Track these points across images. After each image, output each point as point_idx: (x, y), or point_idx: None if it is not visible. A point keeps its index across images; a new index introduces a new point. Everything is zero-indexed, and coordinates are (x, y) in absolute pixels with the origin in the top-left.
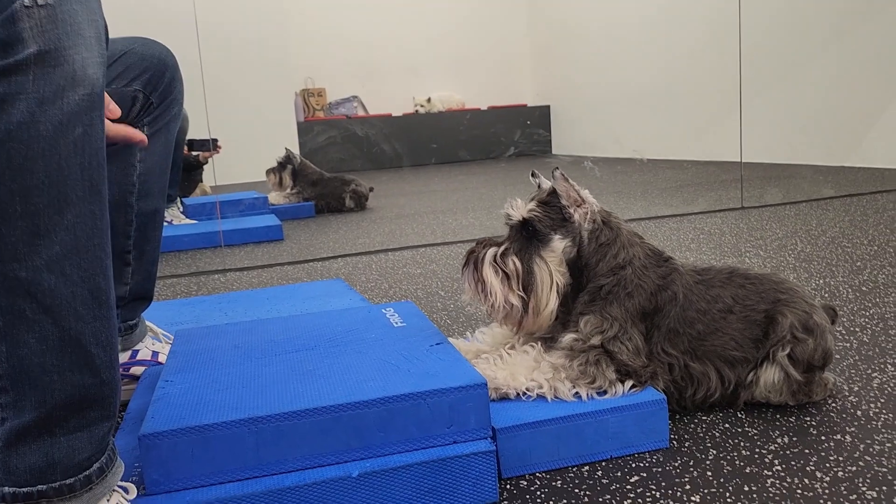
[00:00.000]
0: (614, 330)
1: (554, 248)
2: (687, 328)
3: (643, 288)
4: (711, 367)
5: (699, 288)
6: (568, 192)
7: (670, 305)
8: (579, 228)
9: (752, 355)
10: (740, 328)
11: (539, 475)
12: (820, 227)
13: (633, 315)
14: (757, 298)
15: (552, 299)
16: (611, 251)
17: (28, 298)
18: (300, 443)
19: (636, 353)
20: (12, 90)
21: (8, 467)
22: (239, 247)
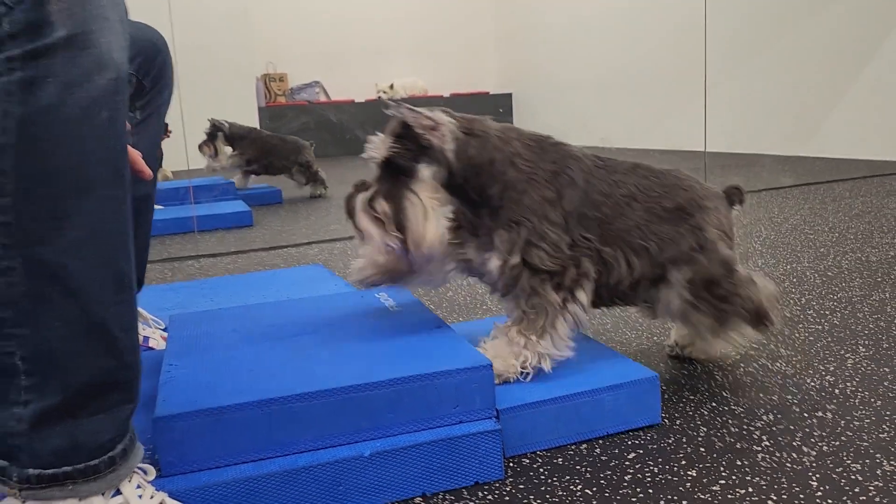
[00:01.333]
0: (524, 234)
1: (423, 178)
2: (594, 211)
3: (535, 181)
4: (620, 252)
5: (600, 172)
6: (418, 119)
7: (571, 189)
8: (443, 151)
9: (655, 251)
10: (644, 218)
11: (540, 453)
12: (782, 214)
13: (537, 211)
14: (661, 191)
15: (431, 228)
16: (484, 159)
17: (53, 282)
18: (312, 424)
19: (554, 252)
20: (40, 73)
21: (33, 449)
22: (210, 233)
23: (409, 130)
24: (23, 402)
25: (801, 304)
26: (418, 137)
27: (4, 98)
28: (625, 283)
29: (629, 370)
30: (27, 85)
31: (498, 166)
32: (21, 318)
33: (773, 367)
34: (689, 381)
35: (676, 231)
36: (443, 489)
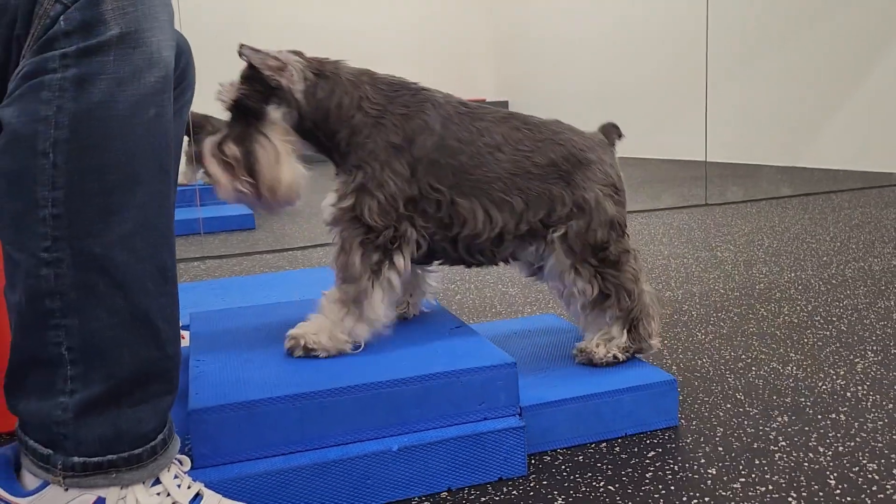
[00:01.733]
0: (360, 178)
1: (273, 120)
2: (448, 159)
3: (382, 125)
4: (478, 204)
5: (462, 118)
6: (264, 61)
7: (424, 135)
8: (292, 92)
9: (521, 207)
10: (509, 171)
11: (561, 451)
12: (783, 223)
13: (380, 157)
14: (533, 145)
15: (286, 172)
16: (332, 102)
17: (101, 273)
18: (342, 418)
19: (384, 210)
20: (93, 70)
21: (78, 437)
22: (214, 234)
23: (258, 72)
24: (69, 392)
25: (807, 311)
26: (266, 79)
27: (58, 94)
28: (483, 238)
29: (648, 373)
30: (80, 81)
31: (346, 110)
32: (68, 309)
33: (784, 370)
34: (702, 383)
35: (548, 188)
36: (468, 484)
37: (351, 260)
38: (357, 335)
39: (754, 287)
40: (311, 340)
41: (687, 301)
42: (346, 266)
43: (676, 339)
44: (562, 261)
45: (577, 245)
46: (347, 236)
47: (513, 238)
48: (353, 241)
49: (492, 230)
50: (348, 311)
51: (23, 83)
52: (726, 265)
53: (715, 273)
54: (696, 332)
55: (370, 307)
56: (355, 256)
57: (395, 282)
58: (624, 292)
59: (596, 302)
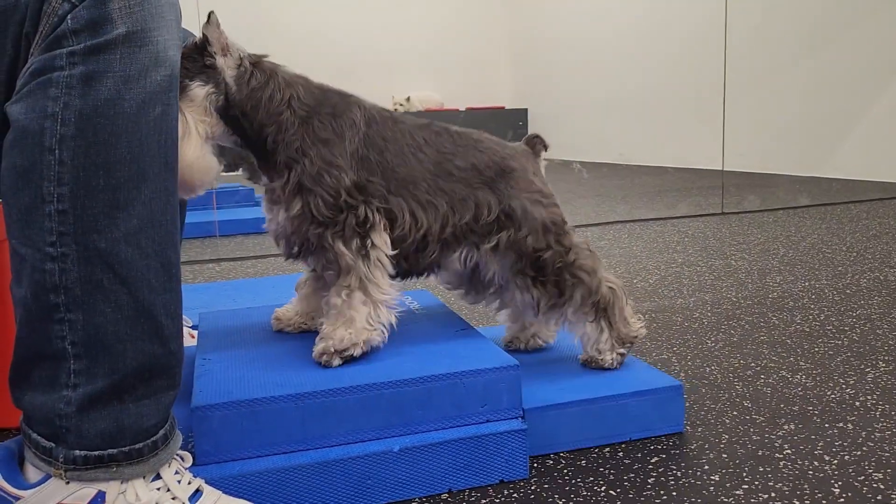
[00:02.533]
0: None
1: (193, 97)
2: (376, 155)
3: (310, 123)
4: (405, 203)
5: (386, 120)
6: (218, 38)
7: (352, 131)
8: (222, 73)
9: (446, 210)
10: (432, 171)
11: (564, 455)
12: (799, 233)
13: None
14: (454, 148)
15: (190, 150)
16: (264, 94)
17: (106, 269)
18: (344, 418)
19: (333, 196)
20: (101, 68)
21: (80, 431)
22: (229, 237)
23: (200, 49)
24: (72, 386)
25: (819, 320)
26: (205, 55)
27: (66, 91)
28: (408, 241)
29: (654, 378)
30: (87, 79)
31: (275, 104)
32: (73, 304)
33: (793, 378)
34: (710, 390)
35: (472, 193)
36: (469, 486)
37: (338, 250)
38: (379, 319)
39: (767, 296)
40: (338, 340)
41: (698, 309)
42: (335, 260)
43: (686, 346)
44: (499, 274)
45: (511, 256)
46: (317, 237)
47: (436, 242)
48: (327, 237)
49: (417, 232)
50: (362, 299)
51: (31, 80)
52: (740, 274)
53: (728, 281)
54: (706, 339)
55: (377, 289)
56: (340, 246)
57: (384, 259)
58: (579, 289)
59: (548, 306)
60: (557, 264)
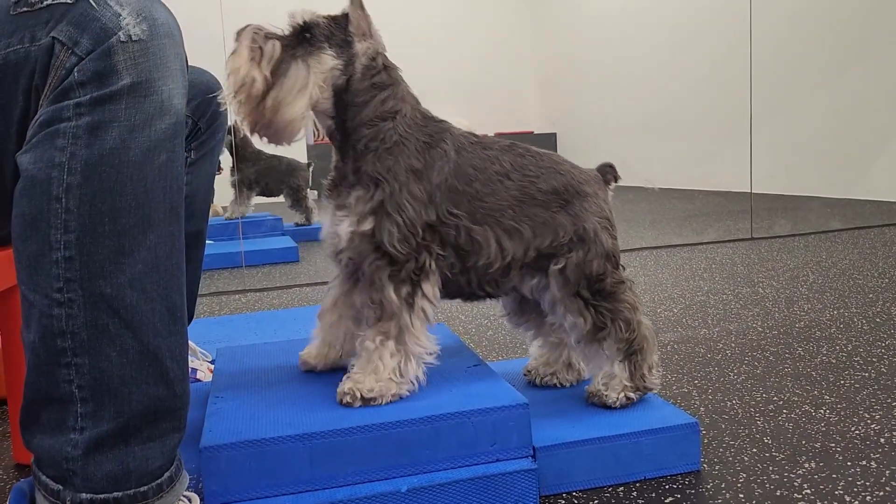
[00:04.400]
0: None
1: (322, 61)
2: (465, 186)
3: (405, 145)
4: (491, 232)
5: (474, 147)
6: (359, 20)
7: (443, 161)
8: (356, 58)
9: (529, 235)
10: (518, 198)
11: (576, 494)
12: (830, 258)
13: (400, 178)
14: (537, 171)
15: (299, 102)
16: (381, 95)
17: (111, 314)
18: (351, 458)
19: (407, 233)
20: (106, 118)
21: (86, 474)
22: (257, 268)
23: (345, 23)
24: (79, 429)
25: (847, 351)
26: (347, 32)
27: (72, 141)
28: (495, 268)
29: (669, 415)
30: (93, 129)
31: (383, 111)
32: (79, 349)
33: (816, 413)
34: (729, 426)
35: (552, 216)
36: None
37: (387, 296)
38: (408, 373)
39: (794, 325)
40: (366, 389)
41: (722, 339)
42: (381, 302)
43: (707, 380)
44: (554, 294)
45: (573, 277)
46: (374, 270)
47: (519, 268)
48: (382, 276)
49: (503, 259)
50: (392, 350)
51: (40, 131)
52: (767, 302)
53: (754, 310)
54: (728, 371)
55: (414, 341)
56: (389, 292)
57: (429, 311)
58: (620, 322)
59: (591, 334)
60: (611, 291)
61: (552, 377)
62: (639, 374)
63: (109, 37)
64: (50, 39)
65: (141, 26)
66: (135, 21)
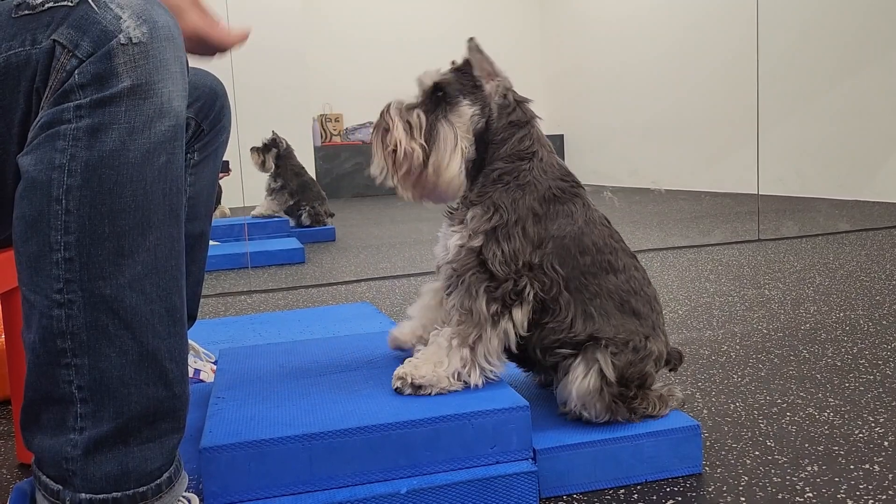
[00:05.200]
0: (495, 221)
1: (461, 114)
2: (577, 253)
3: (537, 186)
4: (574, 306)
5: (602, 228)
6: (481, 63)
7: (566, 221)
8: (489, 99)
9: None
10: (610, 293)
11: (576, 496)
12: (837, 260)
13: (520, 213)
14: (638, 287)
15: (455, 160)
16: (518, 133)
17: (111, 315)
18: (351, 459)
19: (509, 259)
20: (106, 120)
21: (86, 474)
22: (263, 269)
23: (468, 69)
24: (78, 429)
25: (852, 353)
26: (473, 78)
27: (72, 143)
28: (554, 337)
29: (671, 418)
30: (93, 131)
31: (522, 150)
32: (79, 349)
33: (820, 416)
34: (732, 428)
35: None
36: None
37: (477, 305)
38: (465, 378)
39: (799, 327)
40: (420, 375)
41: (727, 341)
42: (470, 310)
43: (711, 382)
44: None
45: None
46: (474, 281)
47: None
48: (479, 287)
49: (569, 333)
50: (461, 353)
51: (40, 133)
52: (773, 304)
53: (760, 312)
54: (732, 374)
55: (487, 354)
56: (481, 302)
57: (510, 334)
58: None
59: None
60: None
61: None
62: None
63: (110, 39)
64: (51, 42)
65: (141, 29)
66: (135, 24)
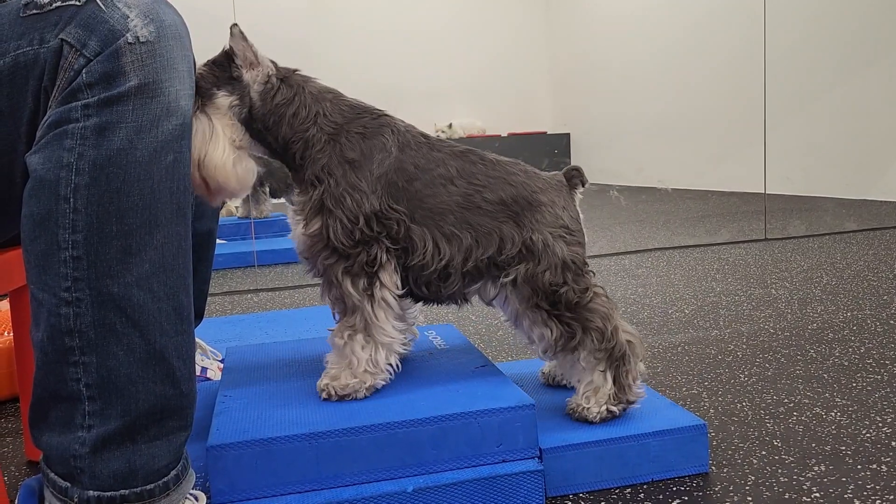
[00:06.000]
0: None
1: (219, 105)
2: (405, 183)
3: (337, 140)
4: (428, 234)
5: (420, 147)
6: (245, 51)
7: (382, 154)
8: (248, 88)
9: (470, 243)
10: (461, 204)
11: (582, 495)
12: (844, 260)
13: (335, 172)
14: (485, 180)
15: (219, 151)
16: (289, 110)
17: (119, 313)
18: (357, 458)
19: (346, 230)
20: (114, 119)
21: (93, 472)
22: (270, 267)
23: (225, 61)
24: (86, 427)
25: (860, 353)
26: (230, 68)
27: (80, 142)
28: (430, 270)
29: (677, 417)
30: (101, 130)
31: (300, 121)
32: (87, 347)
33: (827, 416)
34: (739, 427)
35: (498, 227)
36: None
37: (345, 290)
38: (379, 363)
39: (806, 327)
40: (340, 386)
41: (733, 341)
42: (341, 298)
43: (718, 381)
44: (516, 307)
45: (526, 290)
46: (329, 266)
47: (459, 275)
48: (337, 272)
49: (439, 262)
50: (362, 343)
51: (48, 132)
52: (779, 303)
53: (766, 311)
54: (739, 373)
55: (380, 331)
56: (347, 286)
57: (390, 300)
58: (592, 332)
59: (560, 344)
60: (573, 301)
61: (563, 377)
62: (623, 385)
63: (117, 38)
64: (59, 41)
65: (148, 28)
66: (142, 23)
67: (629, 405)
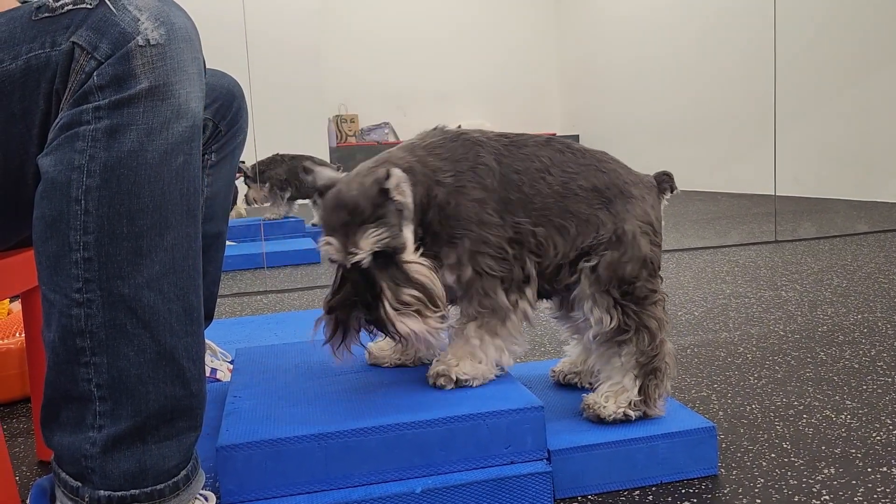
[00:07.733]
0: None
1: (407, 240)
2: (515, 192)
3: (461, 188)
4: (546, 231)
5: (511, 149)
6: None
7: (491, 178)
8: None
9: (574, 232)
10: (560, 193)
11: (591, 497)
12: (855, 262)
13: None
14: (577, 168)
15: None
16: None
17: (129, 314)
18: (366, 458)
19: (499, 254)
20: (124, 121)
21: (104, 472)
22: (279, 269)
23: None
24: (97, 427)
25: (870, 356)
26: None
27: (91, 144)
28: (553, 267)
29: (686, 419)
30: (112, 132)
31: (432, 196)
32: (98, 348)
33: (837, 419)
34: (748, 430)
35: (595, 213)
36: None
37: (499, 301)
38: (503, 363)
39: (816, 329)
40: (461, 371)
41: (743, 343)
42: (492, 307)
43: (727, 383)
44: (584, 290)
45: (605, 275)
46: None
47: (568, 266)
48: (495, 287)
49: (556, 258)
50: (494, 343)
51: (60, 134)
52: (790, 305)
53: (777, 314)
54: (748, 375)
55: (511, 338)
56: (502, 298)
57: (529, 313)
58: (645, 332)
59: (612, 334)
60: (643, 297)
61: (575, 376)
62: (650, 398)
63: (128, 41)
64: (70, 44)
65: (159, 31)
66: (153, 25)
67: (646, 417)
